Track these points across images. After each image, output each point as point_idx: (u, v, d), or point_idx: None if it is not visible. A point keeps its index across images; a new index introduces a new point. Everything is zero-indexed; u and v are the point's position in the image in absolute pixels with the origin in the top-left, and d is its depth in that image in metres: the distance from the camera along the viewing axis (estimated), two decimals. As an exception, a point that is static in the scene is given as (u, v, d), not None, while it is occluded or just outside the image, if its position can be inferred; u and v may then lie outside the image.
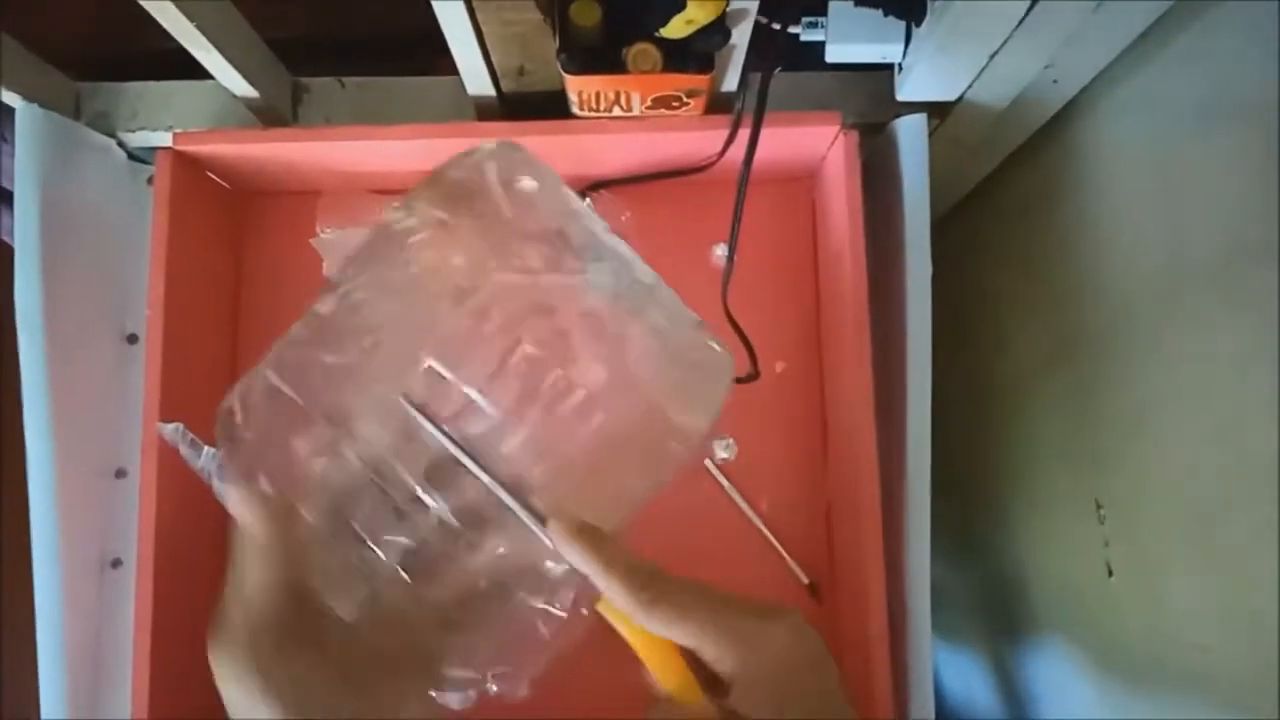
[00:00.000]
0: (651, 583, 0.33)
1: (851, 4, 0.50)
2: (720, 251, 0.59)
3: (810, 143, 0.54)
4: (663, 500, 0.57)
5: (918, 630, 0.50)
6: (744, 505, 0.57)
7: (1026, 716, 0.63)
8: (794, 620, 0.34)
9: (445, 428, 0.34)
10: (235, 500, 0.34)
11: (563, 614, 0.35)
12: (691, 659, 0.34)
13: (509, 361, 0.35)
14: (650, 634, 0.34)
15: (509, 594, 0.36)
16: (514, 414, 0.35)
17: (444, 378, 0.34)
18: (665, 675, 0.34)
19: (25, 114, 0.52)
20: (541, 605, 0.35)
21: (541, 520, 0.34)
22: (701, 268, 0.59)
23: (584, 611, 0.35)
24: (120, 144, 0.58)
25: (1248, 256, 0.39)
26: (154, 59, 0.56)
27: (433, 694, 0.44)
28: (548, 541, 0.34)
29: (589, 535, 0.34)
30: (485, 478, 0.34)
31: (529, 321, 0.35)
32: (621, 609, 0.33)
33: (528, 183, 0.37)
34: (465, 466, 0.34)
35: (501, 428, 0.35)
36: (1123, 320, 0.50)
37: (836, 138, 0.52)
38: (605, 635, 0.35)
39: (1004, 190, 0.65)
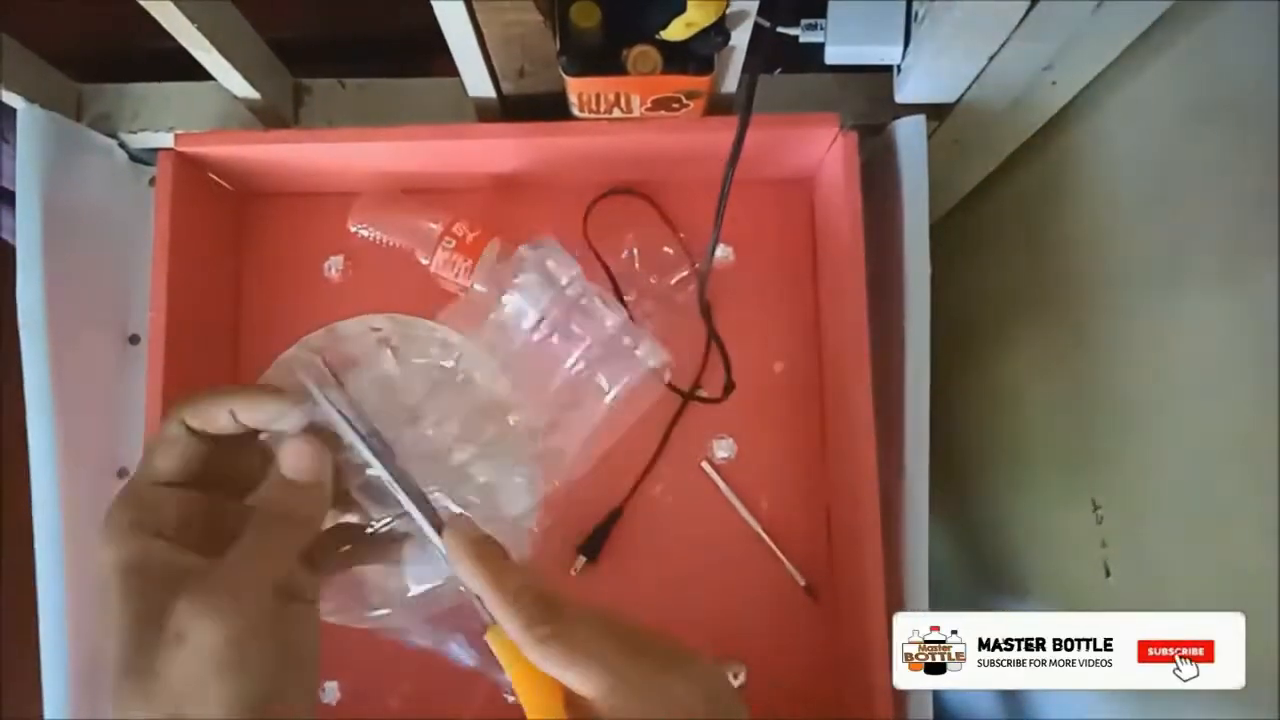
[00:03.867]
0: (550, 616, 0.30)
1: (848, 6, 0.50)
2: (718, 254, 0.59)
3: (809, 144, 0.54)
4: (660, 501, 0.57)
5: (916, 630, 0.51)
6: (740, 507, 0.57)
7: (1024, 717, 0.63)
8: (700, 672, 0.30)
9: (357, 427, 0.34)
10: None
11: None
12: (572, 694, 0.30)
13: None
14: (536, 670, 0.30)
15: None
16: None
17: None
18: (540, 715, 0.30)
19: (27, 115, 0.52)
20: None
21: (438, 529, 0.33)
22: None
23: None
24: (122, 145, 0.59)
25: (1248, 256, 0.39)
26: (156, 60, 0.56)
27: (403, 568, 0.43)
28: (442, 549, 0.32)
29: (486, 554, 0.31)
30: (386, 475, 0.34)
31: None
32: (513, 639, 0.30)
33: None
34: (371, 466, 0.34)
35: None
36: (1121, 320, 0.50)
37: (836, 139, 0.52)
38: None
39: (1003, 191, 0.65)
